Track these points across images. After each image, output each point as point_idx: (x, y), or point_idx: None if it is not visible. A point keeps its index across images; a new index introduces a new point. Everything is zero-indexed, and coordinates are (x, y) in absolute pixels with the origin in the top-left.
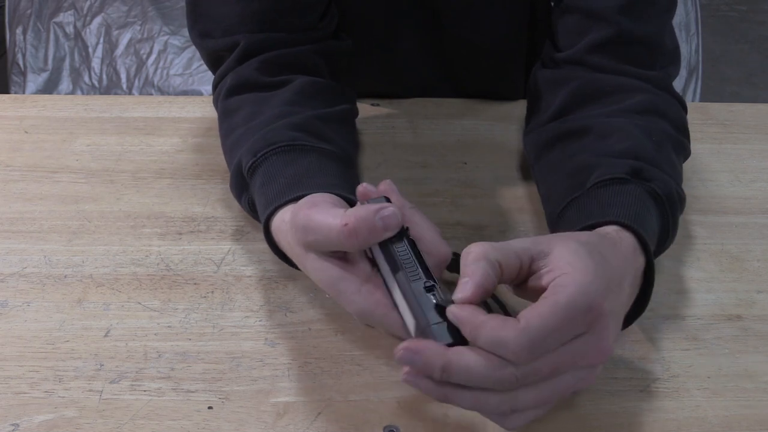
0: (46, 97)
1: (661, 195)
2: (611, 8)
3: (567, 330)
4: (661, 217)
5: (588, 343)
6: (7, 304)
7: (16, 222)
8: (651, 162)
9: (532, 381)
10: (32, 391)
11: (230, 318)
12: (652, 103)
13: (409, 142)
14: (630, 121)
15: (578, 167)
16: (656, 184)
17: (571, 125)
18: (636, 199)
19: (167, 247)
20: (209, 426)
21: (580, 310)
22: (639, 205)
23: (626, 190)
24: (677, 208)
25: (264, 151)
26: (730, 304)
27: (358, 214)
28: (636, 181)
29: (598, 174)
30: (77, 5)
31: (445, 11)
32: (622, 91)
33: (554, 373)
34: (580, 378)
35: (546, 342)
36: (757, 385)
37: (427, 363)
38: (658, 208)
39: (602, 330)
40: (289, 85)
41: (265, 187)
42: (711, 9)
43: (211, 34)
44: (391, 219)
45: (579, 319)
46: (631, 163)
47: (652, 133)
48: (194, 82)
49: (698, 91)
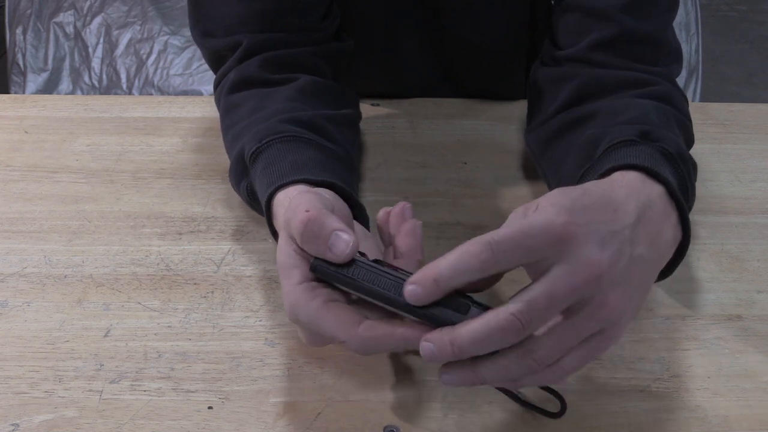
0: (46, 97)
1: (672, 153)
2: (614, 7)
3: (530, 247)
4: (675, 173)
5: (567, 264)
6: (7, 304)
7: (16, 222)
8: (658, 127)
9: (537, 319)
10: (32, 391)
11: (230, 318)
12: (661, 92)
13: (409, 142)
14: (638, 99)
15: (587, 142)
16: (666, 143)
17: (577, 114)
18: (645, 154)
19: (167, 247)
20: (209, 426)
21: (538, 227)
22: (650, 158)
23: (637, 149)
24: (690, 167)
25: (269, 138)
26: (730, 304)
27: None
28: (645, 142)
29: (607, 141)
30: (77, 5)
31: (445, 11)
32: (628, 84)
33: (553, 305)
34: (595, 318)
35: (512, 256)
36: (757, 385)
37: (440, 345)
38: (670, 164)
39: (578, 247)
40: (292, 82)
41: (268, 169)
42: (711, 9)
43: (213, 33)
44: (339, 244)
45: (539, 237)
46: (639, 128)
47: (659, 109)
48: (194, 82)
49: (698, 91)
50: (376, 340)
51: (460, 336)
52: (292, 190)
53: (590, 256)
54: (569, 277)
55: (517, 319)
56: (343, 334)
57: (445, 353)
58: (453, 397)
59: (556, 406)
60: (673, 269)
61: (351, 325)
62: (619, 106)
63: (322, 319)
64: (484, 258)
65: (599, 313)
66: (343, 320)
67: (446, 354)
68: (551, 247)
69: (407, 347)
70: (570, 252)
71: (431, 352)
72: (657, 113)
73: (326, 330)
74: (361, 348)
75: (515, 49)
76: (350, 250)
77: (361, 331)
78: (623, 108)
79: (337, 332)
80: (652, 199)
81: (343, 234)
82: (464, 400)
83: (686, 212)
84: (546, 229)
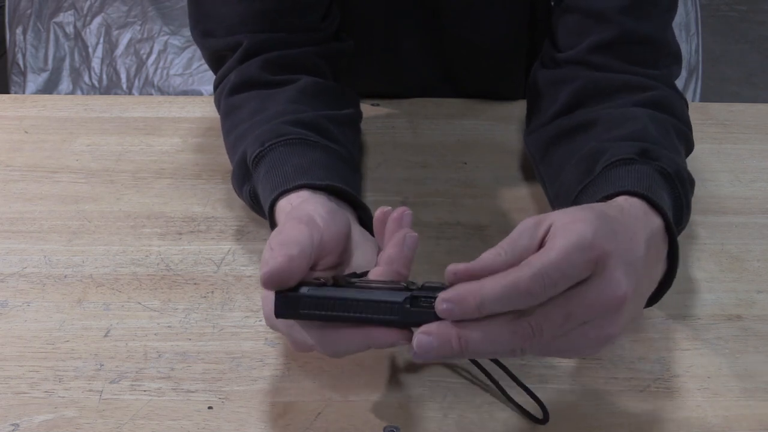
0: (46, 97)
1: (670, 173)
2: (613, 8)
3: (569, 269)
4: (672, 193)
5: (597, 287)
6: (7, 304)
7: (16, 222)
8: (657, 144)
9: (546, 327)
10: (32, 391)
11: (230, 318)
12: (659, 98)
13: (409, 142)
14: (636, 110)
15: (586, 156)
16: (664, 162)
17: (576, 120)
18: (645, 175)
19: (167, 247)
20: (209, 426)
21: (579, 248)
22: (649, 180)
23: (635, 168)
24: (687, 186)
25: (272, 141)
26: (730, 304)
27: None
28: (644, 160)
29: (606, 158)
30: (77, 5)
31: (445, 11)
32: (627, 88)
33: (568, 320)
34: (600, 326)
35: (551, 279)
36: (757, 385)
37: (462, 302)
38: (668, 184)
39: (610, 272)
40: (293, 84)
41: (271, 173)
42: (711, 9)
43: (213, 33)
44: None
45: (578, 258)
46: (638, 145)
47: (658, 121)
48: (194, 82)
49: (698, 91)
50: (347, 341)
51: (487, 288)
52: (294, 197)
53: (618, 283)
54: (596, 296)
55: (530, 329)
56: (313, 337)
57: (468, 308)
58: (453, 397)
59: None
60: (656, 301)
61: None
62: (617, 116)
63: (292, 326)
64: (536, 293)
65: (608, 328)
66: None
67: (469, 306)
68: (590, 267)
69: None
70: (603, 276)
71: (458, 299)
72: (656, 126)
73: (297, 336)
74: (331, 350)
75: (515, 49)
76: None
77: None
78: (621, 119)
79: (306, 338)
80: (654, 233)
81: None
82: (464, 400)
83: (677, 248)
84: (590, 248)
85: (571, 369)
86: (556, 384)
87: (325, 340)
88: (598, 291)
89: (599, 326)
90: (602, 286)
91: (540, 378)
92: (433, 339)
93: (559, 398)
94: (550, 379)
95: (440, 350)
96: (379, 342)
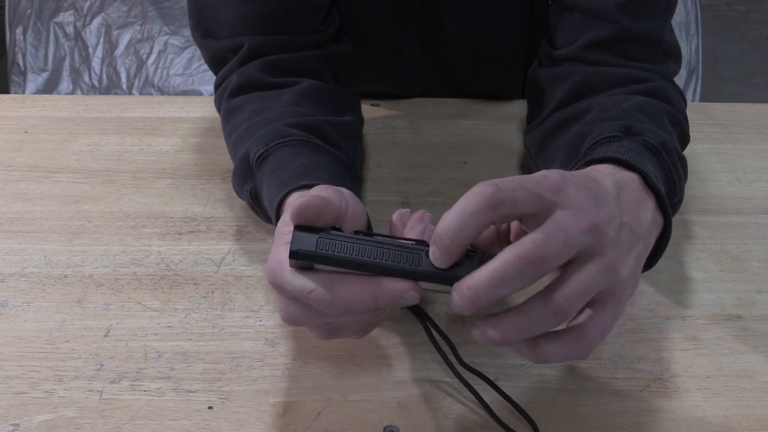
0: (46, 97)
1: (656, 144)
2: (610, 6)
3: (531, 190)
4: (660, 164)
5: (571, 212)
6: (7, 304)
7: (16, 222)
8: (642, 122)
9: (553, 255)
10: (32, 391)
11: (230, 318)
12: (655, 88)
13: (409, 142)
14: (629, 96)
15: (572, 140)
16: (648, 135)
17: (570, 112)
18: (625, 148)
19: (167, 247)
20: (209, 426)
21: (537, 176)
22: (629, 152)
23: (619, 144)
24: (675, 155)
25: (276, 141)
26: (730, 304)
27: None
28: (628, 136)
29: (590, 138)
30: (77, 5)
31: (445, 13)
32: (624, 81)
33: (567, 241)
34: (603, 270)
35: (515, 193)
36: (757, 385)
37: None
38: (654, 156)
39: (575, 201)
40: (294, 86)
41: (277, 173)
42: (711, 9)
43: (214, 34)
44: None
45: (540, 183)
46: (621, 123)
47: (651, 105)
48: (194, 82)
49: (698, 91)
50: (354, 294)
51: (478, 274)
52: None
53: (588, 206)
54: (573, 219)
55: (537, 246)
56: (319, 283)
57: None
58: (453, 397)
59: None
60: (657, 259)
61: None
62: (611, 103)
63: (294, 274)
64: (490, 193)
65: (605, 267)
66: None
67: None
68: (552, 194)
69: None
70: (569, 201)
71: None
72: (647, 108)
73: (301, 285)
74: (330, 302)
75: (515, 50)
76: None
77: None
78: (614, 105)
79: (308, 283)
80: (627, 182)
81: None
82: (464, 400)
83: (664, 199)
84: (545, 178)
85: (571, 369)
86: (556, 384)
87: (332, 288)
88: (572, 212)
89: (591, 256)
90: (574, 207)
91: (540, 378)
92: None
93: (559, 398)
94: (550, 379)
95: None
96: (388, 293)
